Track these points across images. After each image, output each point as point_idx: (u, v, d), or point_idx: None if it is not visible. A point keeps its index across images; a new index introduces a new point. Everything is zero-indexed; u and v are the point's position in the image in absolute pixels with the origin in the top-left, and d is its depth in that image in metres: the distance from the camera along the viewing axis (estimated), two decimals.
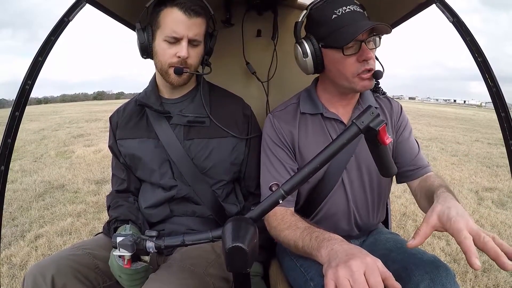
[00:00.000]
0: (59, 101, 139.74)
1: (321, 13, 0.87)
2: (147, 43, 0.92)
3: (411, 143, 1.01)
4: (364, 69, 0.85)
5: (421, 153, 1.02)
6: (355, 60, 0.85)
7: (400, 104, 1.05)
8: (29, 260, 2.19)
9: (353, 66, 0.85)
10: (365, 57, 0.84)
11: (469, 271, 2.06)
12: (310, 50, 0.89)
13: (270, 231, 0.91)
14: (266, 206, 0.61)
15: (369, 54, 0.84)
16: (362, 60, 0.84)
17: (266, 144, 1.00)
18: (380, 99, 1.05)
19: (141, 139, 1.01)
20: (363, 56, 0.84)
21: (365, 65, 0.85)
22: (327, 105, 0.98)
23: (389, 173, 0.70)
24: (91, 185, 3.90)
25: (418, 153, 1.00)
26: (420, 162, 0.99)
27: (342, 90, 0.94)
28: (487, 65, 0.81)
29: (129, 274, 0.77)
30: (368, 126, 0.59)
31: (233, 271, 0.59)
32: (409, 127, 1.04)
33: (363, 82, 0.87)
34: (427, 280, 0.71)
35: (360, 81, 0.87)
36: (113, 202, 1.03)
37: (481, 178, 4.36)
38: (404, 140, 1.01)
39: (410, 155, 0.99)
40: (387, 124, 1.01)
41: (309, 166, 0.60)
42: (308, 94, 1.02)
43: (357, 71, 0.86)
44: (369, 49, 0.84)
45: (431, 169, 0.99)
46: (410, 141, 1.02)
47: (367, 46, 0.84)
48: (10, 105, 1.02)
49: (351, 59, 0.85)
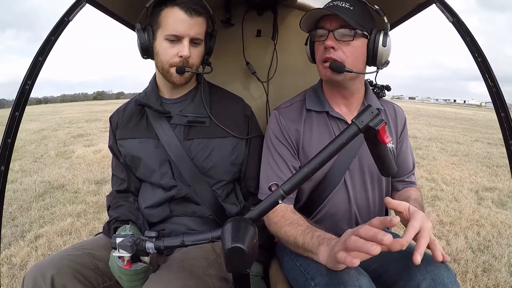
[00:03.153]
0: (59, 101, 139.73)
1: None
2: (148, 43, 0.92)
3: (408, 157, 1.06)
4: (324, 56, 0.89)
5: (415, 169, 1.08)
6: (322, 48, 0.89)
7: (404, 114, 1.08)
8: (29, 260, 2.19)
9: (319, 53, 0.91)
10: (325, 45, 0.88)
11: (469, 271, 2.06)
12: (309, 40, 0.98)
13: (269, 227, 0.93)
14: (266, 206, 0.61)
15: (328, 42, 0.87)
16: (324, 48, 0.88)
17: (270, 141, 1.00)
18: (385, 103, 1.06)
19: (141, 139, 1.01)
20: (324, 43, 0.88)
21: (325, 53, 0.88)
22: (333, 104, 0.99)
23: (389, 172, 0.70)
24: (91, 185, 3.90)
25: (412, 170, 1.06)
26: (411, 178, 1.06)
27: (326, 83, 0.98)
28: (487, 65, 0.81)
29: (129, 275, 0.77)
30: (368, 126, 0.59)
31: (232, 271, 0.59)
32: (408, 140, 1.08)
33: (324, 70, 0.90)
34: (428, 280, 0.71)
35: (322, 69, 0.91)
36: (113, 202, 1.03)
37: (481, 178, 4.36)
38: (403, 153, 1.05)
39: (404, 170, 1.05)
40: (391, 130, 1.02)
41: (308, 166, 0.60)
42: (314, 91, 1.03)
43: (320, 58, 0.90)
44: (336, 39, 0.87)
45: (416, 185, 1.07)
46: (407, 155, 1.06)
47: (335, 37, 0.87)
48: (10, 105, 1.02)
49: (320, 47, 0.91)
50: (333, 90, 0.98)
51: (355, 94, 0.98)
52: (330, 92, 0.99)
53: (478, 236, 2.61)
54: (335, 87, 0.97)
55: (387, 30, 0.89)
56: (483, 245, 2.44)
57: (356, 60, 0.89)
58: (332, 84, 0.97)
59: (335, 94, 0.98)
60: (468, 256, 2.26)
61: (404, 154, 1.05)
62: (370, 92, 1.03)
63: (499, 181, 4.17)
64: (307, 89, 1.06)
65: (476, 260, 2.21)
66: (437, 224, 2.82)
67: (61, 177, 4.24)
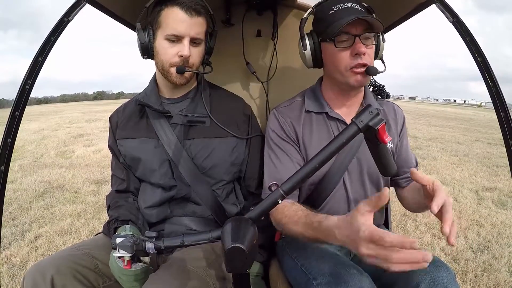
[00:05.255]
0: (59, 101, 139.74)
1: (321, 9, 0.92)
2: (148, 43, 0.92)
3: (409, 153, 1.06)
4: (356, 63, 0.87)
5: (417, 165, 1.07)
6: (349, 54, 0.87)
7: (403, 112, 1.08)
8: (29, 260, 2.19)
9: (346, 60, 0.88)
10: (357, 51, 0.86)
11: (469, 271, 2.06)
12: (309, 44, 0.94)
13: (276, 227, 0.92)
14: (266, 206, 0.61)
15: (361, 48, 0.86)
16: (355, 54, 0.86)
17: (271, 139, 0.99)
18: (384, 103, 1.06)
19: (141, 139, 1.01)
20: (356, 49, 0.86)
21: (357, 59, 0.87)
22: (332, 105, 0.99)
23: (389, 172, 0.70)
24: (91, 185, 3.90)
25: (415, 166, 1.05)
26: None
27: (340, 86, 0.96)
28: (487, 65, 0.81)
29: (129, 275, 0.77)
30: (368, 125, 0.59)
31: (232, 271, 0.59)
32: (407, 138, 1.07)
33: (356, 76, 0.89)
34: (427, 280, 0.71)
35: (353, 75, 0.89)
36: (113, 202, 1.03)
37: (481, 178, 4.36)
38: (404, 150, 1.05)
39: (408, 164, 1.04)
40: (391, 129, 1.02)
41: (308, 166, 0.60)
42: (313, 92, 1.03)
43: (349, 65, 0.88)
44: (363, 44, 0.86)
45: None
46: (408, 152, 1.06)
47: (361, 41, 0.86)
48: (10, 105, 1.02)
49: (344, 53, 0.88)
50: (336, 91, 0.98)
51: (357, 95, 0.99)
52: (332, 93, 0.99)
53: (478, 236, 2.61)
54: (345, 90, 0.96)
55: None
56: (483, 245, 2.44)
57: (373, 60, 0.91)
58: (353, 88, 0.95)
59: (338, 95, 0.98)
60: (468, 256, 2.26)
61: (406, 150, 1.05)
62: (368, 92, 1.03)
63: (499, 181, 4.17)
64: (306, 90, 1.06)
65: (476, 260, 2.21)
66: (437, 224, 2.82)
67: (61, 177, 4.24)
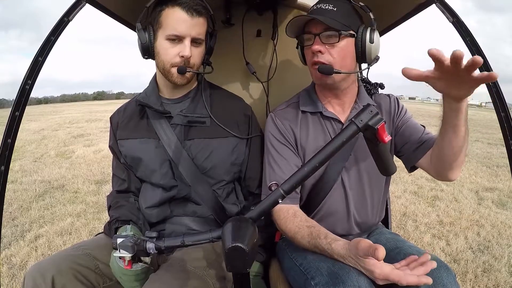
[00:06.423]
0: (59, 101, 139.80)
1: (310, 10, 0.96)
2: (149, 43, 0.92)
3: (415, 124, 1.00)
4: (313, 61, 0.91)
5: (427, 129, 0.99)
6: (311, 52, 0.91)
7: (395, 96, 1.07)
8: (29, 260, 2.19)
9: (309, 57, 0.94)
10: (312, 49, 0.90)
11: (469, 271, 2.06)
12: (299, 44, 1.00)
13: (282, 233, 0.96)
14: (266, 206, 0.61)
15: (315, 46, 0.89)
16: (312, 52, 0.90)
17: (269, 143, 1.00)
18: (379, 97, 1.05)
19: (142, 139, 1.01)
20: (312, 48, 0.90)
21: (313, 57, 0.90)
22: (326, 104, 1.00)
23: (388, 171, 0.70)
24: (91, 185, 3.90)
25: (424, 130, 0.98)
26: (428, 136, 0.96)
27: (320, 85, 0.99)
28: (487, 65, 0.81)
29: (129, 275, 0.77)
30: (367, 125, 0.59)
31: (233, 271, 0.59)
32: (409, 113, 1.03)
33: (316, 73, 0.92)
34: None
35: (314, 72, 0.93)
36: (114, 202, 1.03)
37: (481, 178, 4.36)
38: (406, 123, 1.00)
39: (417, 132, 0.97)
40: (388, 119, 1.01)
41: (308, 165, 0.60)
42: (307, 93, 1.04)
43: (310, 62, 0.93)
44: (323, 43, 0.89)
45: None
46: (413, 123, 1.00)
47: (321, 40, 0.89)
48: (10, 105, 1.02)
49: (308, 51, 0.93)
50: (325, 91, 1.00)
51: (348, 93, 0.99)
52: (323, 92, 1.01)
53: (478, 236, 2.61)
54: (327, 88, 0.98)
55: (374, 26, 0.90)
56: (483, 246, 2.44)
57: (344, 60, 0.90)
58: (324, 86, 0.97)
59: (327, 94, 1.00)
60: (468, 256, 2.26)
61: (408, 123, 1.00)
62: (362, 89, 1.03)
63: (499, 181, 4.17)
64: (301, 91, 1.07)
65: (476, 260, 2.21)
66: (437, 224, 2.82)
67: (61, 177, 4.24)
